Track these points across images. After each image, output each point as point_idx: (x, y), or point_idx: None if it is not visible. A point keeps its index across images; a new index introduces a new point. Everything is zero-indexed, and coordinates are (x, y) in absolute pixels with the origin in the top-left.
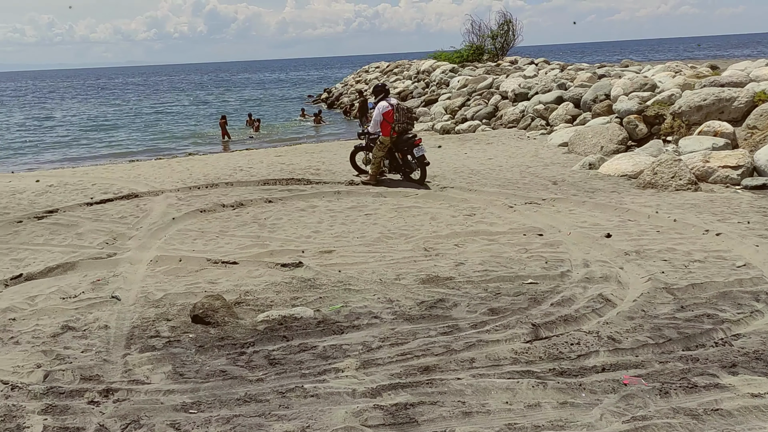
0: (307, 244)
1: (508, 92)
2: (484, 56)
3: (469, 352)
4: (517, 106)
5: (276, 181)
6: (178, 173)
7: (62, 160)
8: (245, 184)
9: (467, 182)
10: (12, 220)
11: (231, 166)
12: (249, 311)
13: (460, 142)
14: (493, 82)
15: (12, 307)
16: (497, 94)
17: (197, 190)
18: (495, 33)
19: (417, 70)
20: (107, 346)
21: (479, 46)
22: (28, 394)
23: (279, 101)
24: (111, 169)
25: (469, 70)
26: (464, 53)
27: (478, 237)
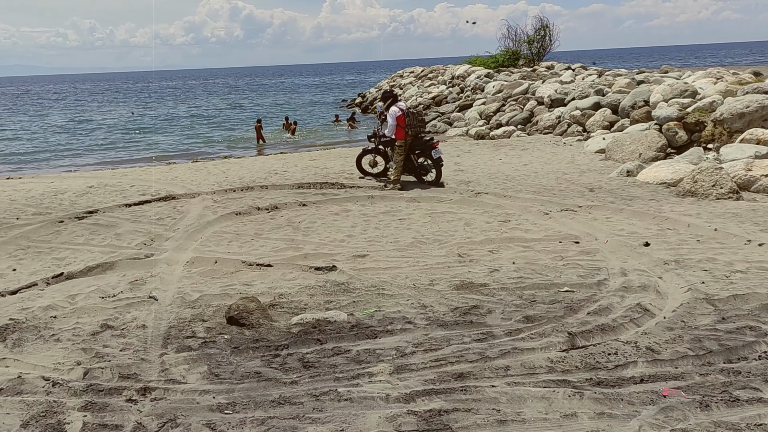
0: (340, 248)
1: (544, 98)
2: (519, 61)
3: (504, 359)
4: (553, 112)
5: (310, 184)
6: (214, 176)
7: (101, 162)
8: (280, 187)
9: (502, 188)
10: (54, 220)
11: (266, 170)
12: (283, 314)
13: (495, 147)
14: (529, 88)
15: (53, 305)
16: (533, 99)
17: (233, 193)
18: (531, 38)
19: (451, 75)
20: (145, 345)
21: (515, 51)
22: (68, 390)
23: (313, 105)
24: (149, 171)
25: (504, 76)
26: (500, 58)
27: (512, 243)
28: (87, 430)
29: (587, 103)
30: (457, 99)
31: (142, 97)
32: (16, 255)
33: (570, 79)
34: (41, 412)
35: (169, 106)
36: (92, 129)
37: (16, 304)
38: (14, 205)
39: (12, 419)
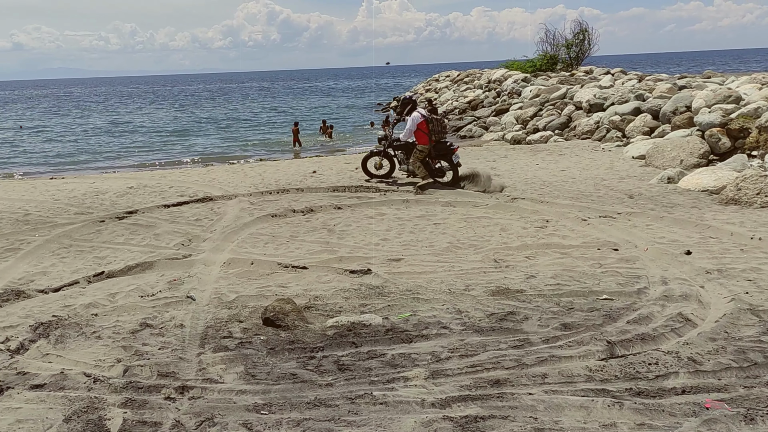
0: (375, 251)
1: (583, 102)
2: (557, 66)
3: (541, 367)
4: (591, 117)
5: (345, 188)
6: (251, 178)
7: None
8: (315, 190)
9: (539, 194)
10: (95, 220)
11: (301, 173)
12: (318, 316)
13: (532, 152)
14: (567, 92)
15: (94, 303)
16: (571, 104)
17: (269, 195)
18: (570, 42)
19: (488, 80)
20: (183, 344)
21: (553, 56)
22: (109, 387)
23: (348, 109)
24: (187, 172)
25: (542, 80)
26: (537, 63)
27: (549, 250)
28: (127, 427)
29: (627, 108)
30: (493, 103)
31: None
32: (59, 253)
33: (609, 83)
34: (83, 408)
35: (206, 108)
36: (131, 131)
37: (59, 301)
38: (57, 204)
39: (55, 414)
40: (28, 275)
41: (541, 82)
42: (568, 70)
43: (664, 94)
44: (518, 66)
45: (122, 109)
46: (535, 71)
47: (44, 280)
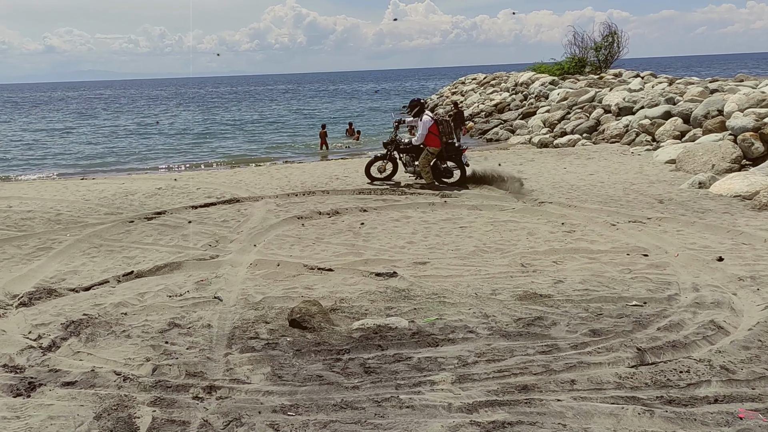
0: (401, 254)
1: (612, 106)
2: (586, 69)
3: (570, 373)
4: (620, 121)
5: (371, 190)
6: (277, 180)
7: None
8: (341, 192)
9: (566, 198)
10: (124, 220)
11: (327, 175)
12: (344, 318)
13: (559, 156)
14: (596, 96)
15: (124, 302)
16: (599, 107)
17: (295, 197)
18: (599, 45)
19: (515, 82)
20: (210, 344)
21: (581, 58)
22: (138, 385)
23: (374, 112)
24: (214, 174)
25: (569, 83)
26: (565, 65)
27: (577, 255)
28: (156, 425)
29: (657, 111)
30: (520, 106)
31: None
32: (90, 252)
33: (639, 87)
34: (113, 406)
35: (233, 111)
36: (159, 133)
37: (90, 300)
38: (88, 204)
39: (86, 411)
40: (60, 274)
41: (569, 85)
42: (596, 73)
43: (695, 97)
44: (546, 69)
45: (150, 111)
46: (563, 74)
47: (75, 278)
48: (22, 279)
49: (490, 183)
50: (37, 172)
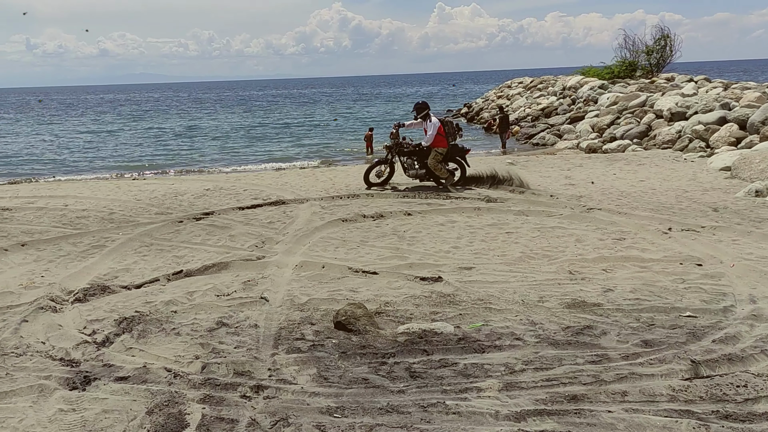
0: (446, 259)
1: (664, 111)
2: (637, 72)
3: (621, 384)
4: (672, 126)
5: (415, 194)
6: (322, 183)
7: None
8: (385, 196)
9: (616, 204)
10: (174, 220)
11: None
12: (389, 322)
13: (608, 161)
14: (647, 100)
15: (173, 301)
16: (651, 112)
17: (339, 200)
18: (650, 48)
19: (563, 86)
20: (257, 344)
21: (632, 62)
22: (188, 382)
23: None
24: (260, 176)
25: (620, 87)
26: (615, 69)
27: (628, 263)
28: (205, 423)
29: (711, 117)
30: (568, 110)
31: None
32: (141, 251)
33: (692, 91)
34: (164, 402)
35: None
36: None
37: (141, 297)
38: (139, 204)
39: (138, 406)
40: (113, 271)
41: (619, 89)
42: (647, 77)
43: (752, 103)
44: (595, 72)
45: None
46: (613, 78)
47: (127, 276)
48: (77, 275)
49: (491, 183)
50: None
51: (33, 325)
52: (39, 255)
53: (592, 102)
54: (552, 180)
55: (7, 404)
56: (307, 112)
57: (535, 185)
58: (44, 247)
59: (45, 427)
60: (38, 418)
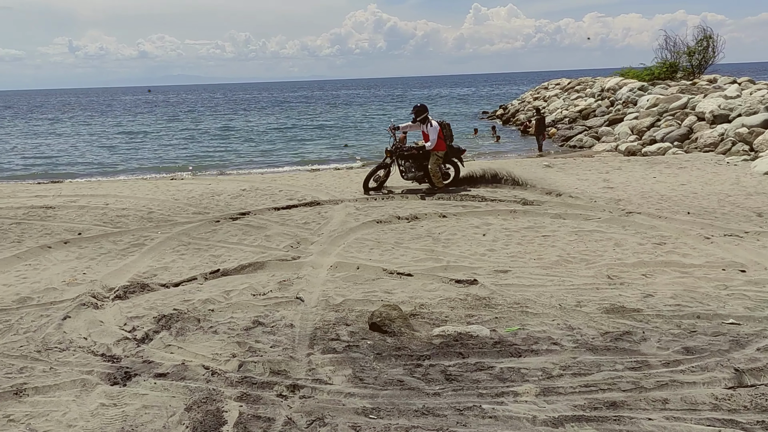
0: (481, 261)
1: (706, 113)
2: (678, 74)
3: (662, 391)
4: (715, 129)
5: (450, 196)
6: (356, 184)
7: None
8: (419, 198)
9: (656, 208)
10: (211, 220)
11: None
12: (424, 324)
13: (648, 164)
14: (688, 102)
15: (211, 299)
16: (692, 114)
17: (374, 201)
18: (692, 49)
19: (601, 88)
20: (293, 343)
21: (673, 63)
22: (225, 380)
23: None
24: (295, 177)
25: (660, 89)
26: (655, 70)
27: (668, 268)
28: (242, 420)
29: (756, 120)
30: (606, 112)
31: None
32: (179, 250)
33: (736, 93)
34: (202, 399)
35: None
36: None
37: (179, 295)
38: (177, 204)
39: (177, 402)
40: (152, 269)
41: (660, 90)
42: (689, 79)
43: None
44: (634, 74)
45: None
46: (653, 79)
47: (166, 274)
48: (117, 273)
49: (486, 181)
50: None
51: (75, 321)
52: (81, 252)
53: (632, 104)
54: (590, 183)
55: (51, 398)
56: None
57: (572, 188)
58: (86, 244)
59: (87, 421)
60: (81, 412)
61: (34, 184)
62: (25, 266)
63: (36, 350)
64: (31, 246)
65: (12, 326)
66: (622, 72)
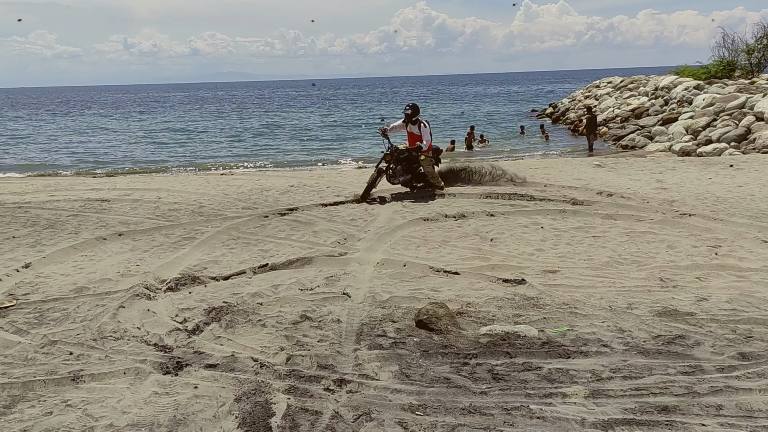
0: (529, 261)
1: (765, 113)
2: (735, 73)
3: (716, 397)
4: None
5: (498, 194)
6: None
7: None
8: (467, 196)
9: (711, 210)
10: (260, 215)
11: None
12: (471, 323)
13: (703, 165)
14: (747, 102)
15: (259, 293)
16: (750, 114)
17: (420, 199)
18: (751, 47)
19: (655, 86)
20: (340, 338)
21: (731, 62)
22: (273, 373)
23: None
24: (343, 173)
25: (717, 88)
26: (712, 69)
27: (724, 272)
28: (291, 413)
29: None
30: (660, 112)
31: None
32: (228, 244)
33: None
34: (251, 390)
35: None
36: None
37: (228, 288)
38: (227, 198)
39: (227, 393)
40: (202, 263)
41: (716, 90)
42: (747, 78)
43: None
44: (690, 72)
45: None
46: (710, 78)
47: (216, 268)
48: (169, 265)
49: (462, 179)
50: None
51: (129, 311)
52: (134, 245)
53: (687, 103)
54: (642, 183)
55: (106, 384)
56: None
57: (623, 189)
58: (139, 237)
59: (141, 408)
60: (134, 399)
61: (89, 178)
62: (81, 257)
63: (92, 338)
64: (87, 237)
65: (69, 315)
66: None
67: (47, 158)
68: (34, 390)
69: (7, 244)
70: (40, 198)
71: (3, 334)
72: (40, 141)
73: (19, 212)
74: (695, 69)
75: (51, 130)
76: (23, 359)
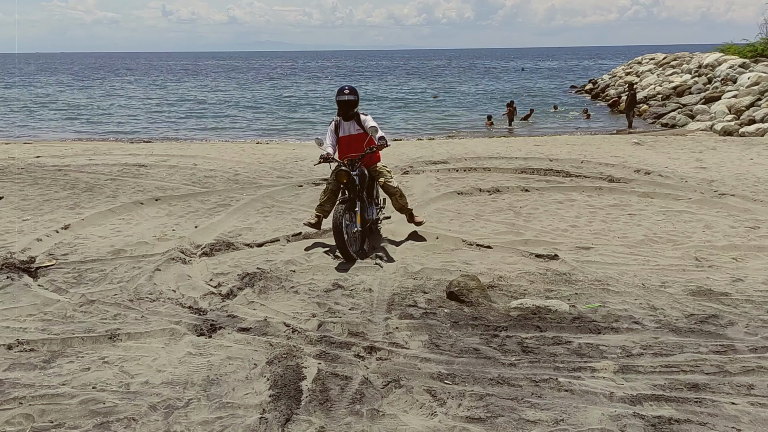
0: (563, 237)
1: None
2: None
3: (747, 377)
4: None
5: (534, 170)
6: (439, 155)
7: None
8: (503, 171)
9: (751, 191)
10: (294, 184)
11: (489, 152)
12: (502, 296)
13: (745, 145)
14: None
15: (293, 260)
16: None
17: (455, 173)
18: None
19: (698, 64)
20: (371, 307)
21: None
22: (305, 338)
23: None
24: None
25: (763, 66)
26: (759, 47)
27: (762, 253)
28: (321, 377)
29: None
30: (702, 90)
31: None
32: (263, 212)
33: None
34: (283, 354)
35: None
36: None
37: (262, 255)
38: (262, 167)
39: (260, 356)
40: (237, 229)
41: (763, 68)
42: None
43: None
44: (736, 50)
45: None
46: (756, 56)
47: (250, 234)
48: (204, 231)
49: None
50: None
51: (165, 274)
52: (171, 210)
53: (731, 81)
54: (681, 162)
55: (142, 344)
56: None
57: (662, 167)
58: (175, 202)
59: (176, 367)
60: (169, 359)
61: (127, 143)
62: (119, 220)
63: (129, 299)
64: (125, 201)
65: (107, 276)
66: (723, 48)
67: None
68: (73, 346)
69: (47, 205)
70: (80, 161)
71: (43, 292)
72: (91, 110)
73: (58, 175)
74: (741, 47)
75: (99, 97)
76: (62, 317)
